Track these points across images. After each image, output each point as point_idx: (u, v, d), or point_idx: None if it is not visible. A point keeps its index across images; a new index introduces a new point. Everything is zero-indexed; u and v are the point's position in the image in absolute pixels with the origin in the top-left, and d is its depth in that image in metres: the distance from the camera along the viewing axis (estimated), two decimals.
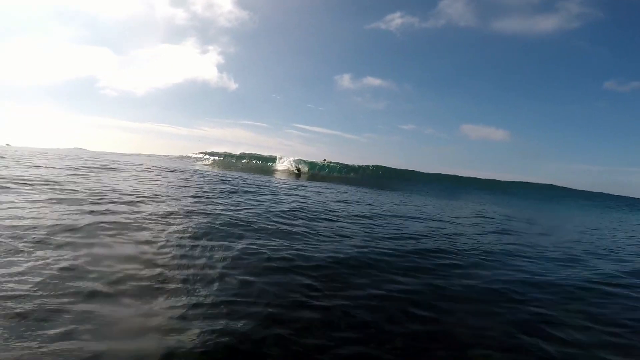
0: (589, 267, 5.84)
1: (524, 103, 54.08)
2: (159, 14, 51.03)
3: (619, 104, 48.89)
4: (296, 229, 6.04)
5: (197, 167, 24.70)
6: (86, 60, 54.10)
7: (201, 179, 13.74)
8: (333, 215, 7.99)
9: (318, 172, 29.48)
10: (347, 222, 7.39)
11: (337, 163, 31.51)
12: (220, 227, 5.44)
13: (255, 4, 56.72)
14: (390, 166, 32.83)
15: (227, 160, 33.58)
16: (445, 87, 56.24)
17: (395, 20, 47.99)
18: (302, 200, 10.28)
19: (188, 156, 37.92)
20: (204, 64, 51.32)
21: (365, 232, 6.60)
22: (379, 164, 31.95)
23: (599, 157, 50.25)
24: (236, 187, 11.32)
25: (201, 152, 37.14)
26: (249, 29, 54.72)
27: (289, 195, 11.34)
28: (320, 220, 7.17)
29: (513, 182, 31.88)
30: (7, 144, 44.26)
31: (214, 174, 18.26)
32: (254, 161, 32.32)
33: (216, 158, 34.64)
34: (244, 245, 4.67)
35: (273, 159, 31.20)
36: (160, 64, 53.40)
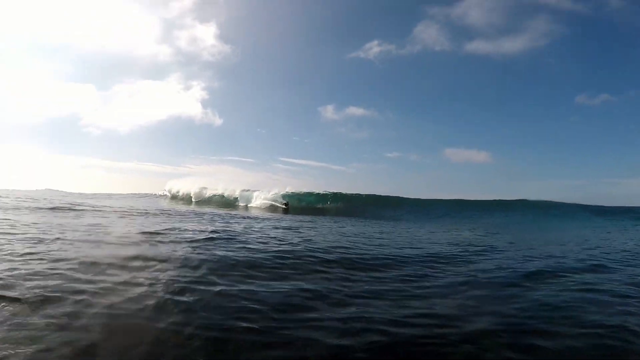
0: None
1: (502, 123, 54.63)
2: (143, 51, 49.92)
3: (590, 117, 49.89)
4: None
5: (167, 207, 22.10)
6: (69, 98, 51.59)
7: (176, 222, 11.31)
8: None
9: (304, 204, 27.22)
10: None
11: (316, 192, 29.29)
12: None
13: (237, 38, 56.67)
14: (380, 194, 30.92)
15: (201, 194, 30.88)
16: (426, 111, 56.44)
17: (373, 48, 48.40)
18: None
19: (164, 194, 35.02)
20: (188, 100, 49.95)
21: None
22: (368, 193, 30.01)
23: (576, 171, 50.48)
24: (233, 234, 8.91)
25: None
26: (232, 62, 54.15)
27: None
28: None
29: (494, 200, 30.51)
30: None
31: (188, 212, 15.84)
32: (234, 195, 29.50)
33: (191, 192, 31.88)
34: None
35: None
36: (144, 100, 51.70)
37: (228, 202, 28.09)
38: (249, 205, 26.55)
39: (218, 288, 3.90)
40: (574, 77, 50.99)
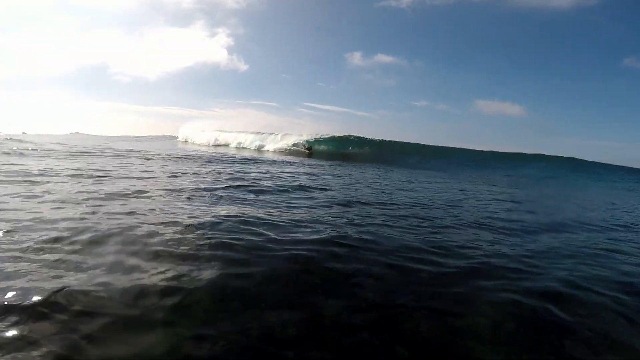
0: None
1: (540, 79, 50.35)
2: None
3: (638, 80, 45.02)
4: None
5: (191, 149, 21.82)
6: (98, 44, 51.18)
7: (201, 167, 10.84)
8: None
9: (326, 148, 26.34)
10: None
11: (349, 135, 28.13)
12: None
13: None
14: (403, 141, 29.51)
15: (224, 139, 30.57)
16: (458, 63, 52.37)
17: None
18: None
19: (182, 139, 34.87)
20: (213, 47, 48.51)
21: None
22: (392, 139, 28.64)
23: (618, 134, 46.83)
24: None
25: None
26: (258, 9, 51.08)
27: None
28: None
29: (534, 154, 28.48)
30: (23, 132, 44.44)
31: (211, 156, 15.40)
32: (256, 140, 29.01)
33: (217, 136, 31.58)
34: None
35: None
36: (170, 47, 50.66)
37: (245, 147, 27.80)
38: (269, 149, 26.18)
39: None
40: (624, 39, 45.02)
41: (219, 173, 8.33)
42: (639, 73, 44.32)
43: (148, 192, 5.07)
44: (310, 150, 24.49)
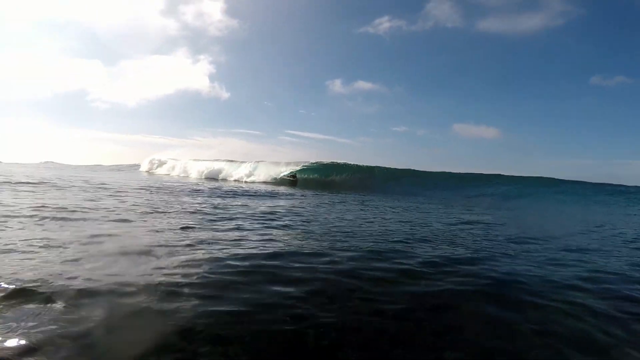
0: None
1: (513, 101, 53.12)
2: (150, 24, 48.01)
3: (605, 98, 48.33)
4: None
5: (162, 179, 21.07)
6: (76, 73, 50.88)
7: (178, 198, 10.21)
8: None
9: (309, 177, 26.04)
10: None
11: (330, 162, 27.96)
12: None
13: (244, 12, 54.39)
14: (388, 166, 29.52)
15: (190, 166, 29.51)
16: (436, 87, 54.63)
17: (384, 24, 46.28)
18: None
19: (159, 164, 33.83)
20: (195, 74, 48.74)
21: None
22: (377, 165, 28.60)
23: (588, 151, 49.24)
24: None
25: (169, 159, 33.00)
26: (240, 37, 52.26)
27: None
28: None
29: (504, 175, 29.01)
30: None
31: (181, 185, 14.76)
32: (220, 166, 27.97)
33: (186, 163, 30.58)
34: None
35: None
36: (152, 74, 50.52)
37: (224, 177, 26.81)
38: (249, 180, 25.25)
39: None
40: (590, 58, 48.55)
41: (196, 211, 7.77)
42: (605, 90, 47.33)
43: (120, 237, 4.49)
44: (295, 178, 24.16)
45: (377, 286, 3.20)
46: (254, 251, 4.12)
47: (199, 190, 13.45)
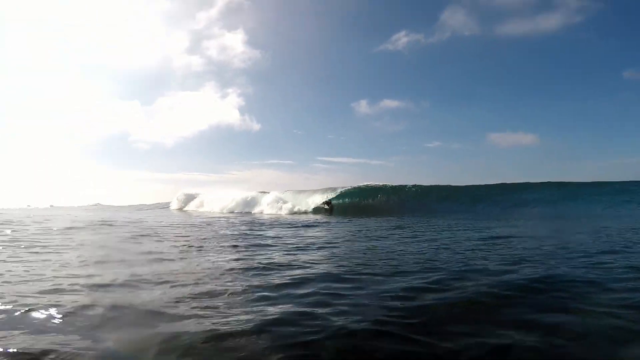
0: None
1: (546, 103, 49.82)
2: (176, 63, 51.25)
3: None
4: None
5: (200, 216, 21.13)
6: (119, 115, 55.07)
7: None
8: None
9: (346, 202, 25.24)
10: None
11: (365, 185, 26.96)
12: None
13: (264, 42, 56.84)
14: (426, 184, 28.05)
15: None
16: (464, 98, 52.57)
17: (401, 39, 45.81)
18: None
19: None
20: (225, 108, 50.48)
21: None
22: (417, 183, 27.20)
23: (631, 150, 44.15)
24: None
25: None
26: (263, 67, 53.99)
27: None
28: None
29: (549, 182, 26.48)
30: (50, 205, 45.57)
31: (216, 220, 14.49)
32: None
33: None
34: None
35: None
36: (184, 112, 53.07)
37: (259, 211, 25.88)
38: (283, 212, 23.47)
39: None
40: (618, 52, 45.00)
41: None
42: None
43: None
44: (330, 205, 23.47)
45: None
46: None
47: (233, 224, 13.11)
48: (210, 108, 52.44)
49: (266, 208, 24.65)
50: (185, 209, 31.55)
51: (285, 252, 6.51)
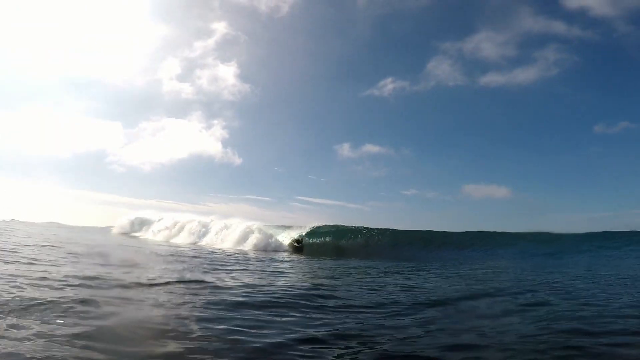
0: None
1: (520, 156, 52.50)
2: (167, 88, 50.37)
3: (612, 146, 47.04)
4: None
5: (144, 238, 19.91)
6: (97, 134, 51.93)
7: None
8: None
9: (316, 241, 24.44)
10: None
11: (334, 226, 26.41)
12: None
13: (256, 77, 57.46)
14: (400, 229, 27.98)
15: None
16: (443, 147, 54.55)
17: (388, 85, 47.74)
18: None
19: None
20: (208, 139, 49.48)
21: None
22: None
23: (600, 204, 46.54)
24: None
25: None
26: (251, 102, 54.15)
27: None
28: None
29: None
30: (12, 219, 43.82)
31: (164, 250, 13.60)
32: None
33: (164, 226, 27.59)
34: None
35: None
36: (167, 138, 51.46)
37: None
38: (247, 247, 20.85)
39: None
40: (590, 106, 48.91)
41: None
42: (610, 138, 45.96)
43: None
44: (300, 244, 22.49)
45: None
46: None
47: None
48: (193, 137, 51.62)
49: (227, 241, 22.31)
50: (134, 234, 29.12)
51: None
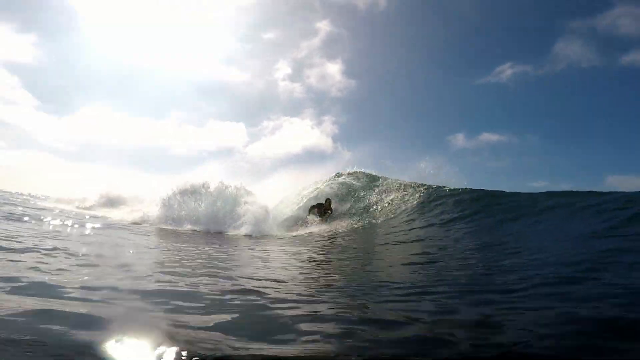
0: None
1: None
2: (281, 88, 52.71)
3: None
4: None
5: None
6: (227, 134, 56.97)
7: None
8: None
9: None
10: None
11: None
12: None
13: (361, 72, 56.06)
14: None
15: None
16: (578, 135, 45.43)
17: (506, 71, 41.72)
18: None
19: None
20: (319, 135, 50.38)
21: None
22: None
23: None
24: None
25: None
26: (358, 97, 52.94)
27: None
28: None
29: None
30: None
31: None
32: None
33: None
34: None
35: None
36: (283, 136, 54.17)
37: None
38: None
39: None
40: None
41: None
42: None
43: None
44: (328, 208, 12.79)
45: None
46: None
47: None
48: (306, 134, 52.37)
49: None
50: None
51: None
